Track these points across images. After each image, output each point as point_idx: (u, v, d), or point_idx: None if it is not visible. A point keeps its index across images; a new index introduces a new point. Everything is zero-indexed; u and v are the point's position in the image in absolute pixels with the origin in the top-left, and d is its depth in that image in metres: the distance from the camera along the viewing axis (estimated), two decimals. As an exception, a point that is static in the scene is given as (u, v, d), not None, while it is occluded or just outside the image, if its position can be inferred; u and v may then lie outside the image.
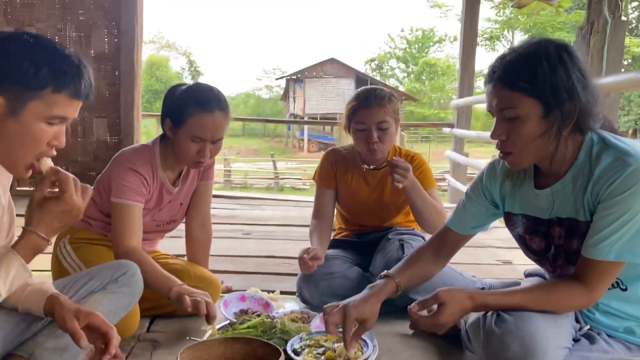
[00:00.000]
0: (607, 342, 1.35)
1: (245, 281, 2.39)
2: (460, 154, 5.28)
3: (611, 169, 1.25)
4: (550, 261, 1.45)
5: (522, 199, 1.48)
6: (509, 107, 1.28)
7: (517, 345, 1.26)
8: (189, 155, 1.78)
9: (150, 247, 2.05)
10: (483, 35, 24.12)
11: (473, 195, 1.59)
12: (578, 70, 1.25)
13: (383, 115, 2.02)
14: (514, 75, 1.26)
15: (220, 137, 1.80)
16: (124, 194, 1.76)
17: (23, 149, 1.11)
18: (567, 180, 1.34)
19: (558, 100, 1.24)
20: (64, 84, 1.10)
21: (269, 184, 16.57)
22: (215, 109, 1.76)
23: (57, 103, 1.11)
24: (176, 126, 1.77)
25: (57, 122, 1.13)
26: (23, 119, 1.09)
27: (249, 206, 4.61)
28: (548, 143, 1.29)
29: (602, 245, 1.25)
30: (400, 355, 1.67)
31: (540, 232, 1.44)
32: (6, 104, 1.07)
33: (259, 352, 1.31)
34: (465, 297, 1.37)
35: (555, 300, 1.32)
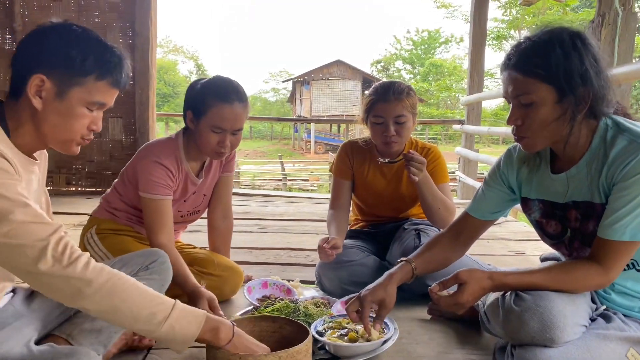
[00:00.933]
0: (623, 321, 1.38)
1: (265, 271, 2.44)
2: (471, 150, 5.31)
3: (626, 151, 1.28)
4: (566, 245, 1.48)
5: (538, 184, 1.51)
6: (524, 93, 1.31)
7: (536, 322, 1.29)
8: (210, 145, 1.83)
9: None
10: (490, 35, 24.09)
11: (491, 182, 1.63)
12: (591, 56, 1.28)
13: (401, 110, 2.06)
14: (528, 62, 1.30)
15: (239, 127, 1.85)
16: (153, 189, 1.81)
17: (66, 129, 1.19)
18: (582, 165, 1.38)
19: (572, 85, 1.27)
20: (107, 73, 1.18)
21: (277, 185, 16.64)
22: (234, 100, 1.81)
23: (99, 90, 1.18)
24: (197, 118, 1.83)
25: (96, 107, 1.21)
26: (67, 102, 1.16)
27: (263, 203, 4.67)
28: (562, 127, 1.33)
29: (617, 226, 1.28)
30: (420, 337, 1.72)
31: (557, 216, 1.48)
32: (53, 87, 1.15)
33: (285, 330, 1.36)
34: (484, 276, 1.40)
35: (572, 279, 1.35)
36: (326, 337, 1.54)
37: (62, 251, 1.04)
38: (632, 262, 1.38)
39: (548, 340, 1.29)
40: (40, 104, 1.16)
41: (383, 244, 2.25)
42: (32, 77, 1.14)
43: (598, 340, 1.31)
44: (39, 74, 1.14)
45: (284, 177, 17.58)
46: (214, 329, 1.15)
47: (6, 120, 1.18)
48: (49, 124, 1.17)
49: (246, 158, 26.42)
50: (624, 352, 1.30)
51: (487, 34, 5.49)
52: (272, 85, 52.09)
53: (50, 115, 1.17)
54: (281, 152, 26.15)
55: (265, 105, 49.68)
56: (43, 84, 1.14)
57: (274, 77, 50.31)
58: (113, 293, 1.06)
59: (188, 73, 43.26)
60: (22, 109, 1.17)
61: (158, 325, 1.09)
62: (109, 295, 1.06)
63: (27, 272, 1.04)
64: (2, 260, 1.04)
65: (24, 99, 1.16)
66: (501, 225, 3.75)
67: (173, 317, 1.10)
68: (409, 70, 41.65)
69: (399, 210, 2.30)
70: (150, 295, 1.11)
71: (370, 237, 2.30)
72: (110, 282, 1.06)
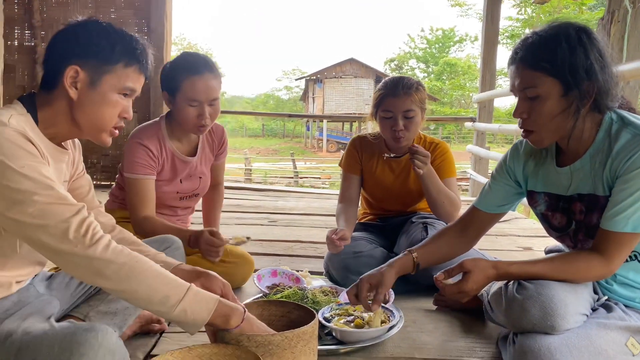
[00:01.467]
0: (624, 311, 1.41)
1: (275, 262, 2.50)
2: (482, 147, 5.32)
3: (629, 144, 1.31)
4: (571, 237, 1.51)
5: (544, 178, 1.54)
6: (530, 86, 1.35)
7: (537, 310, 1.32)
8: (190, 120, 1.89)
9: (183, 222, 2.18)
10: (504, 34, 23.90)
11: (498, 176, 1.66)
12: (597, 51, 1.31)
13: (410, 104, 2.09)
14: (535, 55, 1.33)
15: (214, 97, 1.90)
16: (134, 168, 1.90)
17: (101, 117, 1.26)
18: (586, 158, 1.41)
19: (576, 79, 1.30)
20: (134, 59, 1.26)
21: (289, 182, 16.71)
22: (204, 70, 1.88)
23: (128, 76, 1.26)
24: (172, 96, 1.90)
25: (127, 93, 1.28)
26: (100, 89, 1.24)
27: (273, 198, 4.73)
28: (567, 121, 1.35)
29: (619, 218, 1.31)
30: (425, 326, 1.75)
31: (561, 208, 1.50)
32: (86, 77, 1.22)
33: (293, 314, 1.39)
34: (489, 265, 1.43)
35: (574, 269, 1.38)
36: (333, 323, 1.58)
37: (85, 232, 1.09)
38: (633, 253, 1.41)
39: (549, 328, 1.32)
40: (75, 94, 1.22)
41: (391, 237, 2.28)
42: (67, 69, 1.20)
43: (599, 328, 1.33)
44: (74, 65, 1.21)
45: (295, 174, 17.65)
46: (225, 315, 1.19)
47: (37, 110, 1.24)
48: (84, 113, 1.24)
49: (258, 155, 26.55)
50: (624, 340, 1.33)
51: (499, 32, 5.50)
52: (285, 83, 52.24)
53: (85, 104, 1.23)
54: (293, 150, 26.22)
55: (278, 103, 49.78)
56: (77, 74, 1.21)
57: (287, 75, 50.43)
58: (131, 275, 1.11)
59: (201, 71, 43.39)
60: (57, 99, 1.24)
61: (171, 307, 1.13)
62: (127, 276, 1.10)
63: (53, 251, 1.09)
64: (30, 239, 1.10)
65: (59, 90, 1.23)
66: (510, 222, 3.77)
67: (186, 301, 1.14)
68: (422, 69, 41.46)
69: (406, 204, 2.33)
70: (166, 278, 1.15)
71: (378, 229, 2.34)
72: (128, 264, 1.11)
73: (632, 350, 1.32)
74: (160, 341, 1.62)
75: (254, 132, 44.14)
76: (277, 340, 1.18)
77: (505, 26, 23.96)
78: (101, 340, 1.07)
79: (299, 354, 1.21)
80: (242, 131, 43.28)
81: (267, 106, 48.66)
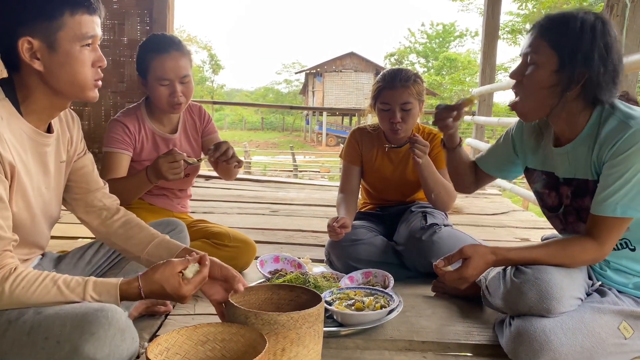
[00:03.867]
0: (617, 296, 1.45)
1: (276, 250, 2.53)
2: (481, 141, 5.35)
3: (615, 130, 1.36)
4: (561, 219, 1.56)
5: (543, 156, 1.61)
6: (532, 52, 1.42)
7: (534, 293, 1.37)
8: (163, 99, 1.93)
9: (182, 206, 2.22)
10: (505, 29, 23.83)
11: (502, 140, 1.76)
12: (604, 43, 1.35)
13: (407, 97, 2.13)
14: (549, 26, 1.40)
15: (183, 74, 1.94)
16: (109, 142, 1.95)
17: (76, 75, 1.21)
18: (577, 142, 1.46)
19: (572, 61, 1.36)
20: (77, 4, 1.18)
21: (288, 176, 16.73)
22: (171, 49, 1.92)
23: (80, 23, 1.19)
24: (144, 78, 1.95)
25: (89, 41, 1.21)
26: (62, 50, 1.18)
27: (274, 189, 4.76)
28: (551, 98, 1.41)
29: (608, 203, 1.36)
30: (423, 312, 1.79)
31: (556, 188, 1.56)
32: (42, 44, 1.16)
33: (302, 298, 1.42)
34: (488, 251, 1.48)
35: (569, 254, 1.43)
36: (334, 307, 1.62)
37: None
38: (625, 241, 1.45)
39: (545, 310, 1.36)
40: (40, 65, 1.17)
41: (390, 226, 2.32)
42: (19, 43, 1.14)
43: (593, 312, 1.38)
44: (24, 38, 1.15)
45: (295, 168, 17.66)
46: (127, 292, 1.21)
47: (16, 94, 1.21)
48: (58, 79, 1.20)
49: (257, 149, 26.54)
50: (617, 324, 1.38)
51: (499, 26, 5.51)
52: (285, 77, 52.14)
53: (55, 70, 1.18)
54: (292, 143, 26.22)
55: (278, 97, 49.69)
56: (32, 45, 1.15)
57: (287, 69, 50.31)
58: (31, 297, 1.13)
59: (201, 63, 43.38)
60: (27, 76, 1.20)
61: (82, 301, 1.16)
62: (23, 301, 1.13)
63: None
64: None
65: (24, 67, 1.18)
66: (508, 214, 3.81)
67: (88, 293, 1.17)
68: (422, 63, 41.35)
69: (405, 195, 2.37)
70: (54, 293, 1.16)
71: (378, 218, 2.38)
72: (15, 291, 1.12)
73: (625, 334, 1.37)
74: (165, 323, 1.66)
75: (253, 125, 44.06)
76: (283, 320, 1.21)
77: (505, 21, 23.91)
78: (111, 319, 1.10)
79: (303, 335, 1.24)
80: (242, 124, 43.17)
81: (267, 99, 48.54)
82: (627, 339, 1.37)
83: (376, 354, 1.51)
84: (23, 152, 1.21)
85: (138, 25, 4.67)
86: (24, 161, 1.21)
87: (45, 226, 1.35)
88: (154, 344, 1.12)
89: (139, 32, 4.65)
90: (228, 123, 41.80)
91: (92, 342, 1.07)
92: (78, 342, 1.07)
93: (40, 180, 1.29)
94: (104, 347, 1.07)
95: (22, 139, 1.21)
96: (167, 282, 1.21)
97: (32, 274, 1.16)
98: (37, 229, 1.31)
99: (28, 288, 1.13)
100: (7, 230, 1.15)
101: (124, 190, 1.74)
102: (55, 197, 1.37)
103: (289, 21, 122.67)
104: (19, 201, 1.21)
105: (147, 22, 4.66)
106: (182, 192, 2.21)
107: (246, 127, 42.42)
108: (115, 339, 1.09)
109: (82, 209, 1.46)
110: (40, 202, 1.30)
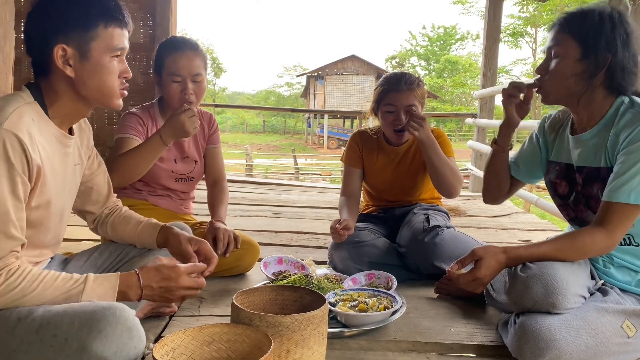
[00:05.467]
0: (619, 295, 1.47)
1: (279, 252, 2.54)
2: (483, 143, 5.36)
3: (631, 121, 1.41)
4: (571, 207, 1.59)
5: (558, 147, 1.65)
6: (556, 45, 1.48)
7: (540, 287, 1.37)
8: (175, 95, 1.98)
9: (186, 208, 2.24)
10: (506, 32, 23.89)
11: (525, 145, 1.79)
12: (624, 30, 1.43)
13: (412, 99, 2.15)
14: (569, 20, 1.47)
15: (196, 72, 1.99)
16: (122, 129, 1.99)
17: (104, 84, 1.28)
18: (594, 131, 1.50)
19: (596, 47, 1.42)
20: (111, 17, 1.26)
21: (290, 179, 16.75)
22: (185, 48, 1.99)
23: (112, 35, 1.26)
24: (159, 75, 2.01)
25: (118, 53, 1.29)
26: (93, 59, 1.25)
27: (276, 191, 4.78)
28: (578, 85, 1.47)
29: (622, 189, 1.38)
30: (426, 313, 1.80)
31: (567, 177, 1.59)
32: (75, 52, 1.23)
33: (306, 300, 1.43)
34: (499, 251, 1.48)
35: (579, 244, 1.44)
36: (338, 308, 1.63)
37: None
38: (629, 236, 1.47)
39: (550, 305, 1.37)
40: (72, 72, 1.24)
41: (393, 228, 2.33)
42: (54, 50, 1.21)
43: (596, 311, 1.39)
44: (59, 44, 1.21)
45: (296, 171, 17.68)
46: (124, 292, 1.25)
47: (43, 96, 1.27)
48: (87, 86, 1.26)
49: (259, 152, 26.58)
50: (620, 323, 1.39)
51: (501, 29, 5.53)
52: (286, 80, 52.15)
53: (85, 77, 1.25)
54: (294, 146, 26.25)
55: (279, 100, 49.78)
56: (66, 52, 1.22)
57: (288, 72, 50.37)
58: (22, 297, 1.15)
59: (203, 66, 43.32)
60: (56, 82, 1.26)
61: (77, 301, 1.19)
62: (19, 299, 1.16)
63: None
64: None
65: (55, 73, 1.25)
66: (511, 216, 3.82)
67: (87, 293, 1.20)
68: (424, 66, 41.45)
69: (407, 196, 2.37)
70: (57, 284, 1.19)
71: (380, 220, 2.38)
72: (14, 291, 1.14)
73: (627, 332, 1.38)
74: (170, 324, 1.67)
75: (254, 128, 44.13)
76: (287, 322, 1.22)
77: (507, 24, 23.95)
78: (119, 317, 1.12)
79: (308, 336, 1.25)
80: (243, 127, 43.24)
81: (268, 102, 48.62)
82: (631, 338, 1.38)
83: (380, 355, 1.52)
84: (51, 153, 1.26)
85: (141, 29, 4.69)
86: (50, 162, 1.26)
87: (60, 226, 1.39)
88: (160, 344, 1.13)
89: (142, 36, 4.67)
90: (230, 126, 41.83)
91: (100, 339, 1.08)
92: (86, 340, 1.08)
93: (62, 181, 1.33)
94: (111, 345, 1.09)
95: (50, 140, 1.27)
96: (161, 266, 1.29)
97: (35, 270, 1.19)
98: (52, 229, 1.35)
99: (31, 284, 1.16)
100: (20, 231, 1.18)
101: (135, 160, 1.80)
102: (70, 199, 1.43)
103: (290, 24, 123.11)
104: (41, 200, 1.25)
105: (150, 25, 4.68)
106: (185, 195, 2.22)
107: (248, 130, 42.48)
108: (123, 337, 1.10)
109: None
110: (59, 202, 1.33)
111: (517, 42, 24.88)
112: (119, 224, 1.57)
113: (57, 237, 1.40)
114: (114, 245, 1.61)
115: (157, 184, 2.11)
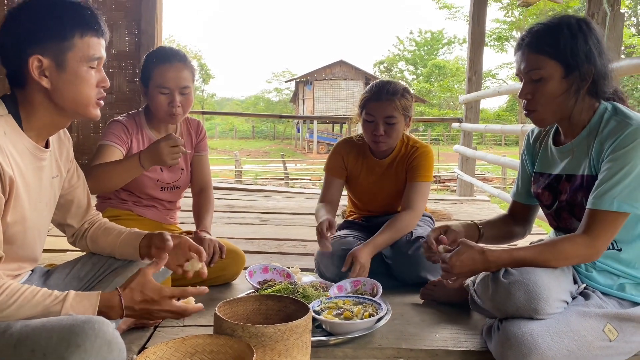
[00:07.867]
0: (601, 298, 1.47)
1: (266, 260, 2.54)
2: (469, 147, 5.40)
3: (615, 129, 1.42)
4: (553, 215, 1.61)
5: (542, 158, 1.66)
6: (534, 69, 1.47)
7: (522, 293, 1.38)
8: (162, 107, 1.96)
9: (172, 218, 2.22)
10: (491, 36, 24.08)
11: (520, 167, 1.79)
12: (595, 39, 1.44)
13: (392, 111, 2.11)
14: (539, 41, 1.46)
15: (184, 85, 1.97)
16: (106, 137, 1.97)
17: (81, 94, 1.26)
18: (578, 139, 1.52)
19: (577, 62, 1.43)
20: (87, 27, 1.24)
21: (279, 184, 16.71)
22: (174, 60, 1.96)
23: (88, 45, 1.24)
24: (146, 86, 1.98)
25: (95, 63, 1.27)
26: (70, 69, 1.23)
27: (264, 198, 4.77)
28: (568, 100, 1.47)
29: (606, 197, 1.38)
30: (412, 319, 1.81)
31: (549, 186, 1.60)
32: (51, 62, 1.21)
33: (290, 309, 1.43)
34: (477, 249, 1.48)
35: (560, 251, 1.44)
36: (323, 316, 1.63)
37: None
38: (613, 242, 1.48)
39: (532, 311, 1.38)
40: (48, 83, 1.22)
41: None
42: (29, 62, 1.19)
43: (578, 316, 1.40)
44: (34, 55, 1.19)
45: (286, 176, 17.65)
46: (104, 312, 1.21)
47: (19, 109, 1.24)
48: (64, 97, 1.24)
49: (248, 157, 26.52)
50: (602, 327, 1.40)
51: (485, 33, 5.58)
52: (275, 85, 52.05)
53: (62, 88, 1.23)
54: (283, 152, 26.20)
55: (268, 105, 49.73)
56: (41, 63, 1.20)
57: (277, 77, 50.33)
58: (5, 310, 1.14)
59: (191, 73, 43.18)
60: (32, 93, 1.24)
61: (57, 314, 1.17)
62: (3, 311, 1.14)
63: None
64: None
65: (30, 84, 1.23)
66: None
67: (67, 308, 1.18)
68: (411, 71, 41.66)
69: (391, 206, 2.36)
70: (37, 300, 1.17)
71: (364, 228, 2.38)
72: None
73: (609, 336, 1.39)
74: (154, 335, 1.66)
75: (244, 134, 44.04)
76: (270, 332, 1.22)
77: (492, 28, 24.15)
78: (98, 331, 1.10)
79: (291, 346, 1.25)
80: (232, 133, 43.11)
81: (257, 108, 48.57)
82: (612, 342, 1.39)
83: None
84: (23, 167, 1.24)
85: (126, 37, 4.68)
86: (23, 175, 1.24)
87: (37, 241, 1.37)
88: (142, 356, 1.13)
89: (127, 44, 4.66)
90: (219, 132, 41.72)
91: (78, 353, 1.06)
92: (64, 355, 1.06)
93: (36, 195, 1.31)
94: (90, 359, 1.07)
95: (23, 153, 1.24)
96: (145, 287, 1.26)
97: (15, 285, 1.17)
98: (30, 243, 1.33)
99: (8, 299, 1.14)
100: None
101: (110, 174, 1.77)
102: (47, 213, 1.40)
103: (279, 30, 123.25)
104: (16, 215, 1.23)
105: (136, 33, 4.67)
106: (171, 204, 2.21)
107: (237, 136, 42.39)
108: (102, 351, 1.09)
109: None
110: (35, 216, 1.31)
111: (503, 46, 25.07)
112: (99, 236, 1.56)
113: (35, 251, 1.38)
114: (97, 256, 1.60)
115: (142, 193, 2.09)
